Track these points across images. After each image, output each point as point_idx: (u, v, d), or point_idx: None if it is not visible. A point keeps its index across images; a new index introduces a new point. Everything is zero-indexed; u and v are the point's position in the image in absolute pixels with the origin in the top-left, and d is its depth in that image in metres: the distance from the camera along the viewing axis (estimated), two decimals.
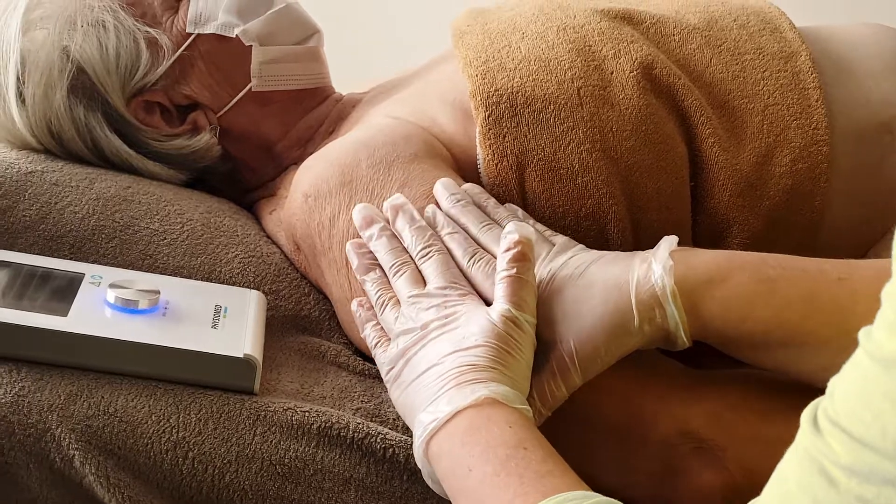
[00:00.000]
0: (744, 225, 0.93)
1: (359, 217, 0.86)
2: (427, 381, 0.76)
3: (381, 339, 0.82)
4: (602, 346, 0.77)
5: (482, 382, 0.73)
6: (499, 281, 0.78)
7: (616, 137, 0.93)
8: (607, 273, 0.79)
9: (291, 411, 0.82)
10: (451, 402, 0.73)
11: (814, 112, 0.95)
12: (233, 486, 0.79)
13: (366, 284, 0.84)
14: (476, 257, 0.82)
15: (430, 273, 0.82)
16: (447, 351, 0.76)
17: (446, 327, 0.78)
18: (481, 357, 0.75)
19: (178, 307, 0.86)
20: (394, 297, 0.82)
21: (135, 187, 0.98)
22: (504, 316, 0.76)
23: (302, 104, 1.08)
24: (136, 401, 0.80)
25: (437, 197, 0.88)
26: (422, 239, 0.83)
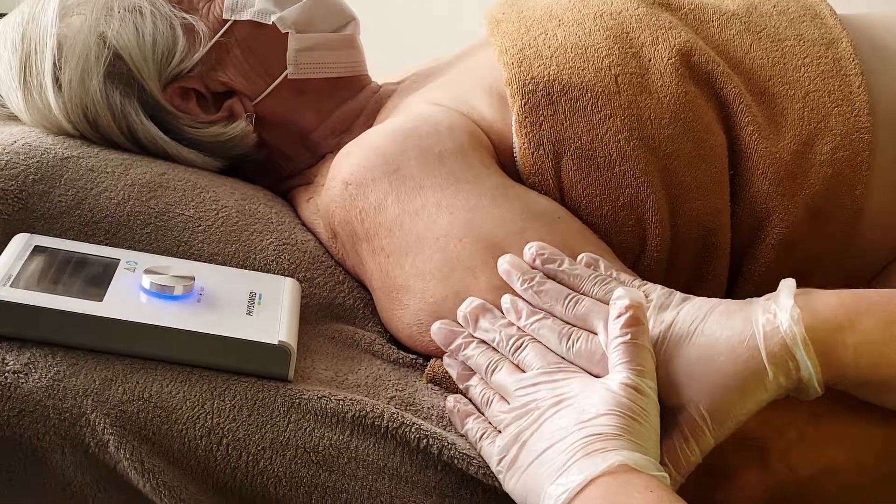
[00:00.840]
0: (783, 214, 0.92)
1: (439, 337, 0.84)
2: (550, 457, 0.73)
3: (487, 430, 0.80)
4: (736, 405, 0.75)
5: (613, 450, 0.70)
6: (613, 349, 0.75)
7: (654, 125, 0.92)
8: (729, 328, 0.76)
9: (326, 399, 0.82)
10: (583, 470, 0.70)
11: (855, 99, 0.94)
12: (267, 473, 0.79)
13: (470, 391, 0.83)
14: (573, 338, 0.79)
15: (529, 361, 0.79)
16: (568, 424, 0.73)
17: (561, 404, 0.75)
18: (607, 426, 0.72)
19: (212, 293, 0.86)
20: (496, 394, 0.80)
21: (170, 174, 0.98)
22: (624, 383, 0.74)
23: (338, 93, 1.07)
24: (170, 386, 0.80)
25: (510, 281, 0.83)
26: (509, 334, 0.81)
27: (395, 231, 0.89)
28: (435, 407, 0.86)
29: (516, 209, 0.88)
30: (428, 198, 0.89)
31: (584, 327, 0.79)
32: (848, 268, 0.94)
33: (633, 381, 0.74)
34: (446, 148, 0.91)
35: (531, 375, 0.78)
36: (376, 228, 0.90)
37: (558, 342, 0.79)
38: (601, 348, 0.77)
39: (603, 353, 0.77)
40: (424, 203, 0.89)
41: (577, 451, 0.71)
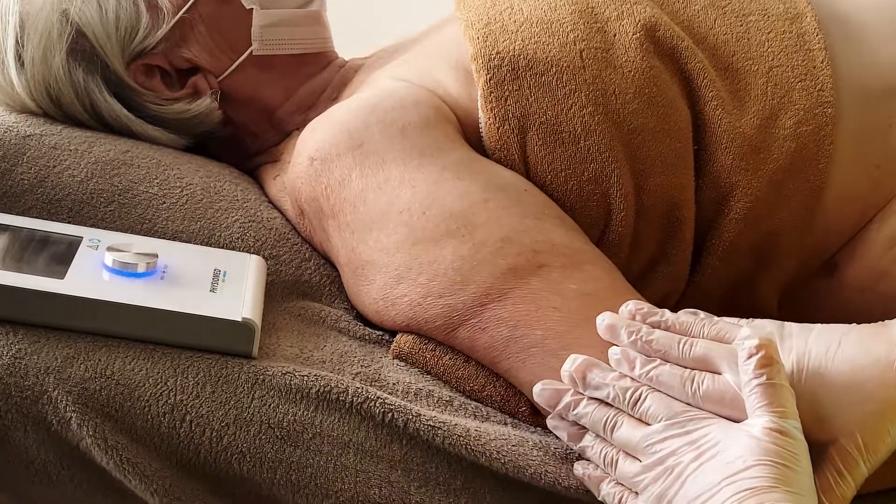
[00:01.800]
0: (747, 188, 0.92)
1: (543, 398, 0.79)
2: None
3: (625, 493, 0.75)
4: (889, 431, 0.73)
5: (774, 500, 0.67)
6: (750, 392, 0.71)
7: (619, 100, 0.92)
8: (871, 353, 0.74)
9: (290, 375, 0.82)
10: None
11: (819, 73, 0.94)
12: (230, 449, 0.79)
13: (587, 452, 0.78)
14: (697, 380, 0.74)
15: (653, 412, 0.74)
16: (715, 480, 0.69)
17: (702, 457, 0.71)
18: (758, 478, 0.68)
19: (176, 271, 0.85)
20: (621, 451, 0.76)
21: (134, 151, 0.98)
22: (769, 428, 0.70)
23: (304, 69, 1.07)
24: (133, 364, 0.80)
25: (612, 337, 0.79)
26: (624, 387, 0.76)
27: (359, 206, 0.89)
28: (400, 382, 0.86)
29: (480, 182, 0.88)
30: (391, 172, 0.89)
31: (706, 369, 0.75)
32: (811, 242, 0.94)
33: (777, 425, 0.70)
34: (410, 122, 0.91)
35: (659, 428, 0.74)
36: (341, 204, 0.90)
37: (681, 387, 0.75)
38: (731, 388, 0.74)
39: (734, 392, 0.73)
40: (388, 177, 0.88)
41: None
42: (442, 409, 0.84)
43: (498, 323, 0.83)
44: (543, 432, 0.84)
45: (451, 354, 0.87)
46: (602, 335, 0.80)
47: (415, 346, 0.88)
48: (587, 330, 0.80)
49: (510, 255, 0.84)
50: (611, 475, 0.77)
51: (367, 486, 0.80)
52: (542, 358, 0.82)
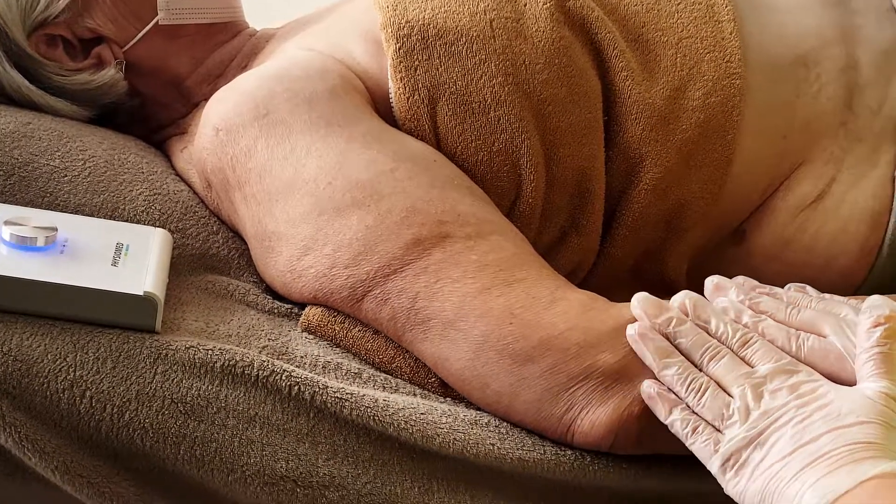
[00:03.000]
0: (656, 159, 0.93)
1: (645, 304, 0.78)
2: (803, 461, 0.69)
3: (700, 423, 0.74)
4: None
5: (881, 459, 0.67)
6: (868, 358, 0.72)
7: (529, 70, 0.92)
8: None
9: (194, 349, 0.80)
10: (852, 473, 0.67)
11: (727, 45, 0.94)
12: (132, 425, 0.77)
13: (668, 371, 0.76)
14: (804, 337, 0.76)
15: (761, 356, 0.75)
16: (821, 430, 0.69)
17: (808, 406, 0.71)
18: (869, 435, 0.69)
19: (77, 245, 0.83)
20: (712, 382, 0.75)
21: (35, 123, 0.95)
22: (884, 393, 0.71)
23: (212, 39, 1.05)
24: (31, 340, 0.78)
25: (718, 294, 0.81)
26: (737, 327, 0.77)
27: (265, 177, 0.87)
28: (308, 355, 0.85)
29: (388, 152, 0.87)
30: (297, 142, 0.87)
31: (812, 331, 0.76)
32: (719, 212, 0.95)
33: (892, 392, 0.71)
34: (317, 91, 0.89)
35: (765, 370, 0.74)
36: (247, 175, 0.89)
37: (787, 340, 0.76)
38: (836, 348, 0.75)
39: (839, 353, 0.74)
40: (294, 147, 0.87)
41: (842, 457, 0.68)
42: (350, 382, 0.84)
43: (399, 294, 0.83)
44: (453, 402, 0.84)
45: (360, 327, 0.86)
46: (709, 296, 0.80)
47: (323, 318, 0.87)
48: (483, 301, 0.80)
49: (415, 224, 0.83)
50: (690, 401, 0.75)
51: (274, 460, 0.79)
52: (441, 329, 0.81)
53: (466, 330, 0.80)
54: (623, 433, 0.78)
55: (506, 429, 0.82)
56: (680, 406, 0.75)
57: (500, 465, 0.80)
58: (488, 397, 0.81)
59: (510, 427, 0.82)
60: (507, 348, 0.80)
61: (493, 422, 0.82)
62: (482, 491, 0.81)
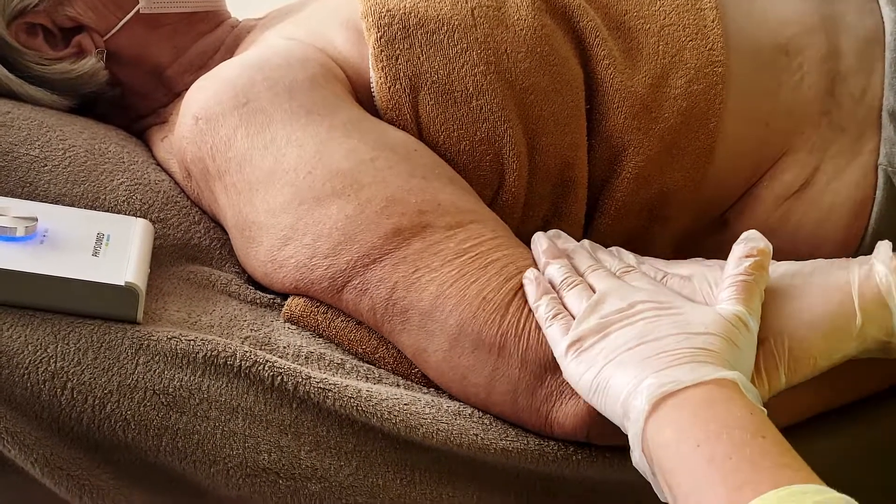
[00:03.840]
0: (639, 147, 0.93)
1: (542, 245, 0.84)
2: (645, 354, 0.70)
3: (561, 311, 0.77)
4: (818, 346, 0.74)
5: (721, 365, 0.69)
6: (731, 283, 0.75)
7: (511, 59, 0.91)
8: (826, 274, 0.77)
9: (176, 340, 0.80)
10: (694, 371, 0.68)
11: (710, 32, 0.94)
12: (114, 416, 0.77)
13: (551, 267, 0.81)
14: (668, 278, 0.80)
15: (634, 278, 0.79)
16: (669, 332, 0.71)
17: (664, 311, 0.74)
18: (713, 345, 0.70)
19: (57, 235, 0.83)
20: (585, 284, 0.79)
21: (15, 112, 0.94)
22: (736, 315, 0.73)
23: (194, 28, 1.04)
24: (10, 331, 0.77)
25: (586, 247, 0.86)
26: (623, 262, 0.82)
27: (244, 167, 0.87)
28: (291, 346, 0.84)
29: (368, 141, 0.87)
30: (277, 131, 0.87)
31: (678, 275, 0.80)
32: (702, 200, 0.95)
33: (744, 316, 0.73)
34: (297, 80, 0.89)
35: (634, 276, 0.78)
36: (227, 164, 0.88)
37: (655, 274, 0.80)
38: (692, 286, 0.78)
39: (692, 288, 0.78)
40: (273, 137, 0.87)
41: (684, 357, 0.69)
42: (334, 372, 0.84)
43: (378, 284, 0.82)
44: (436, 393, 0.84)
45: (343, 317, 0.86)
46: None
47: (306, 308, 0.87)
48: (458, 289, 0.80)
49: (395, 214, 0.83)
50: (562, 289, 0.79)
51: (257, 452, 0.78)
52: (419, 320, 0.81)
53: (443, 320, 0.80)
54: (598, 423, 0.78)
55: (489, 420, 0.82)
56: (551, 294, 0.79)
57: (484, 456, 0.80)
58: (467, 389, 0.81)
59: (493, 418, 0.82)
60: (479, 336, 0.79)
61: (476, 413, 0.82)
62: (465, 482, 0.81)
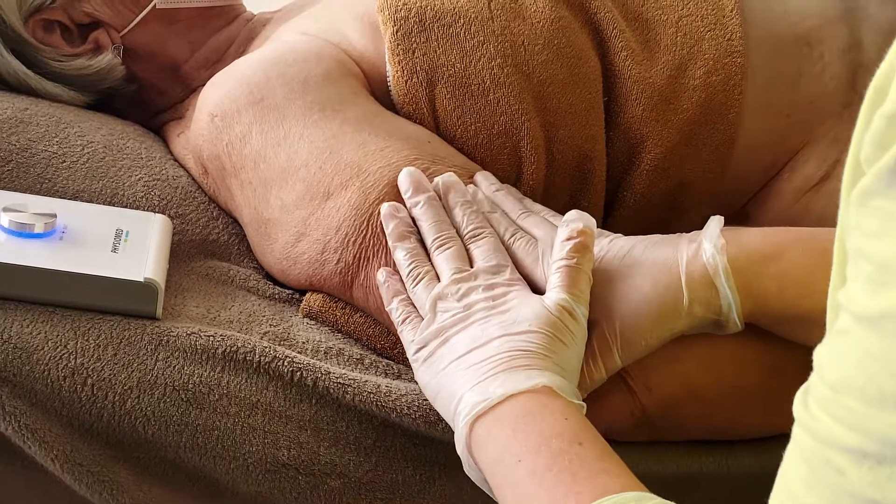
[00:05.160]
0: (657, 139, 0.92)
1: (406, 181, 0.81)
2: (471, 362, 0.71)
3: (411, 314, 0.77)
4: (647, 327, 0.74)
5: (536, 369, 0.69)
6: (556, 269, 0.74)
7: (528, 52, 0.91)
8: (655, 254, 0.76)
9: (195, 336, 0.80)
10: (505, 385, 0.68)
11: (728, 23, 0.93)
12: (134, 413, 0.77)
13: (397, 252, 0.79)
14: (518, 235, 0.79)
15: (480, 253, 0.78)
16: (495, 334, 0.72)
17: (494, 310, 0.73)
18: (533, 343, 0.71)
19: (76, 231, 0.83)
20: (430, 272, 0.78)
21: (33, 109, 0.95)
22: (560, 305, 0.73)
23: (210, 23, 1.04)
24: (31, 327, 0.77)
25: (478, 183, 0.85)
26: (475, 219, 0.80)
27: (259, 163, 0.87)
28: (310, 341, 0.84)
29: (380, 133, 0.86)
30: (291, 128, 0.87)
31: (528, 232, 0.80)
32: (722, 192, 0.94)
33: (568, 305, 0.73)
34: (312, 76, 0.89)
35: (474, 270, 0.77)
36: (242, 161, 0.88)
37: (505, 232, 0.80)
38: (536, 251, 0.77)
39: (536, 255, 0.77)
40: (287, 133, 0.87)
41: (501, 364, 0.70)
42: (353, 368, 0.83)
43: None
44: None
45: (361, 312, 0.86)
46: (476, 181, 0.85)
47: (325, 304, 0.86)
48: None
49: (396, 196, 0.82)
50: (408, 287, 0.78)
51: (276, 448, 0.78)
52: None
53: None
54: None
55: None
56: (402, 297, 0.78)
57: None
58: None
59: None
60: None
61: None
62: None
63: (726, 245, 0.74)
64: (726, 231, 0.76)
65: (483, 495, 0.79)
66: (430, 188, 0.82)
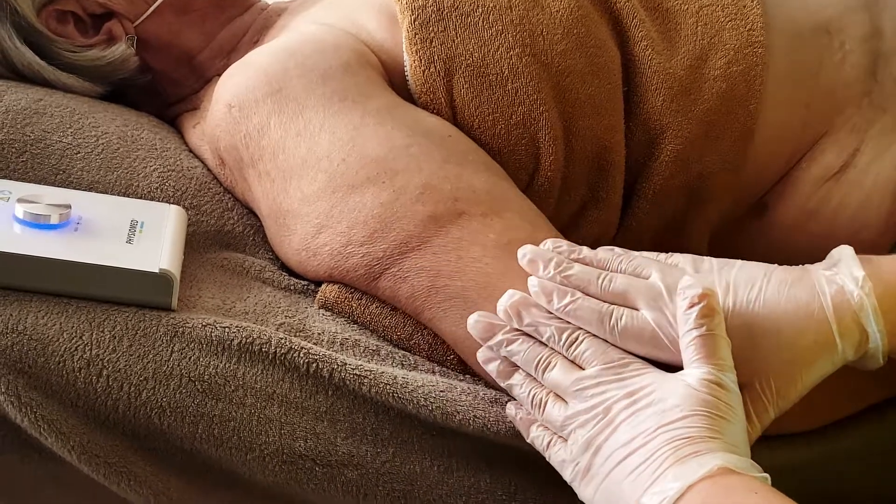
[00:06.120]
0: (677, 130, 0.91)
1: (476, 330, 0.77)
2: (633, 464, 0.68)
3: (553, 437, 0.74)
4: (802, 379, 0.73)
5: (707, 453, 0.66)
6: (688, 343, 0.71)
7: (547, 41, 0.90)
8: (793, 299, 0.74)
9: (211, 327, 0.79)
10: (679, 477, 0.65)
11: (749, 13, 0.93)
12: (150, 404, 0.76)
13: (514, 390, 0.76)
14: (616, 315, 0.74)
15: (588, 355, 0.73)
16: (650, 428, 0.68)
17: (636, 405, 0.70)
18: (693, 427, 0.68)
19: (91, 222, 0.83)
20: (551, 393, 0.74)
21: (47, 100, 0.94)
22: (706, 380, 0.69)
23: (224, 13, 1.04)
24: (46, 318, 0.77)
25: (533, 269, 0.78)
26: (561, 327, 0.75)
27: (278, 154, 0.86)
28: (326, 332, 0.84)
29: (402, 127, 0.86)
30: (310, 118, 0.86)
31: (625, 304, 0.75)
32: (741, 183, 0.93)
33: (715, 377, 0.69)
34: (330, 67, 0.88)
35: (593, 372, 0.72)
36: (260, 152, 0.87)
37: (599, 322, 0.74)
38: (649, 325, 0.73)
39: (652, 331, 0.73)
40: (307, 124, 0.86)
41: (668, 457, 0.67)
42: (369, 359, 0.83)
43: (419, 272, 0.81)
44: (472, 379, 0.83)
45: (378, 303, 0.85)
46: (525, 268, 0.78)
47: (340, 295, 0.86)
48: (508, 280, 0.79)
49: (430, 202, 0.82)
50: (536, 416, 0.75)
51: (293, 439, 0.78)
52: (463, 308, 0.80)
53: (491, 310, 0.79)
54: None
55: None
56: (536, 423, 0.75)
57: (521, 444, 0.79)
58: None
59: None
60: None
61: (513, 401, 0.81)
62: (502, 469, 0.80)
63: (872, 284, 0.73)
64: (864, 265, 0.74)
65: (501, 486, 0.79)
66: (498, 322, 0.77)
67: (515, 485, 0.81)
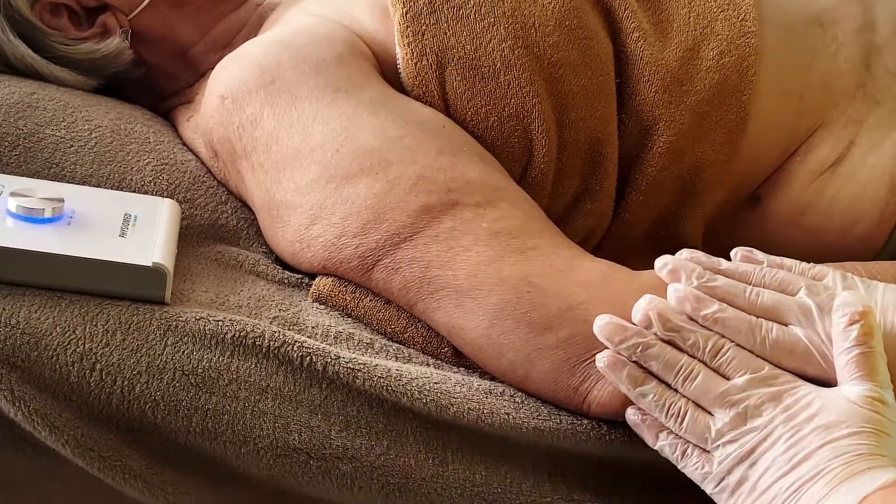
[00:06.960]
0: (670, 121, 0.91)
1: (606, 331, 0.74)
2: (796, 479, 0.68)
3: (688, 446, 0.73)
4: None
5: (878, 468, 0.66)
6: (847, 360, 0.70)
7: (539, 33, 0.90)
8: None
9: (204, 321, 0.79)
10: (853, 491, 0.65)
11: (742, 4, 0.93)
12: (143, 398, 0.77)
13: (645, 399, 0.73)
14: (766, 328, 0.73)
15: (735, 364, 0.72)
16: (814, 445, 0.68)
17: (795, 419, 0.70)
18: (861, 444, 0.68)
19: (84, 216, 0.83)
20: (690, 402, 0.72)
21: (40, 93, 0.94)
22: (869, 397, 0.69)
23: (218, 7, 1.03)
24: (39, 312, 0.77)
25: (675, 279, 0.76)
26: (707, 335, 0.73)
27: (271, 146, 0.86)
28: (320, 325, 0.84)
29: (396, 118, 0.86)
30: (304, 109, 0.86)
31: (773, 319, 0.74)
32: (735, 175, 0.94)
33: (877, 394, 0.70)
34: (323, 58, 0.88)
35: (742, 383, 0.71)
36: (254, 144, 0.87)
37: (749, 332, 0.73)
38: (802, 341, 0.73)
39: (805, 347, 0.72)
40: (300, 115, 0.86)
41: (839, 472, 0.67)
42: (363, 352, 0.83)
43: (410, 263, 0.81)
44: (466, 371, 0.83)
45: (372, 296, 0.85)
46: (664, 279, 0.77)
47: (334, 288, 0.86)
48: (498, 269, 0.79)
49: (423, 192, 0.82)
50: (671, 426, 0.73)
51: (287, 432, 0.78)
52: (456, 299, 0.80)
53: (482, 299, 0.79)
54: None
55: (521, 398, 0.81)
56: (666, 430, 0.74)
57: (516, 435, 0.79)
58: (504, 367, 0.80)
59: (525, 396, 0.81)
60: (524, 317, 0.78)
61: (507, 391, 0.81)
62: (497, 461, 0.80)
63: None
64: None
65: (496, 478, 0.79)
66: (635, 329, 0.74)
67: (511, 476, 0.81)
